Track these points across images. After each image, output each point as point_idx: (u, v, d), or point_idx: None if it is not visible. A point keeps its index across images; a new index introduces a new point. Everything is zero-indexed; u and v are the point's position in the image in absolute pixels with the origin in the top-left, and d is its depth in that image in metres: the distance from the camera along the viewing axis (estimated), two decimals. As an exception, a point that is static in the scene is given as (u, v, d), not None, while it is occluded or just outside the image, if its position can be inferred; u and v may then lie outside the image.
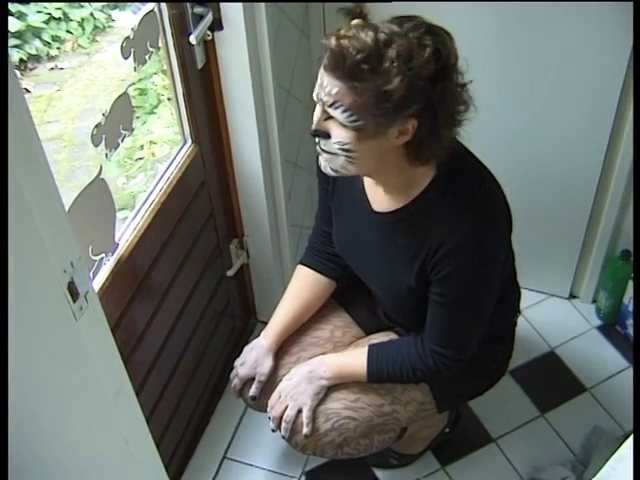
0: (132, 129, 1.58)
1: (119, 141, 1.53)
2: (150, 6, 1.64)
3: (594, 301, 2.49)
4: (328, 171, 1.44)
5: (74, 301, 1.01)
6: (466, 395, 1.87)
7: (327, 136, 1.38)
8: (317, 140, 1.41)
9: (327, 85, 1.31)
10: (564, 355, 2.36)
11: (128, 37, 1.53)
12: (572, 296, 2.54)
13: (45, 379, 1.07)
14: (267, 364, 1.78)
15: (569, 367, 2.33)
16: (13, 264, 0.89)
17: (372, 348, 1.67)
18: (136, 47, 1.55)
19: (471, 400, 1.93)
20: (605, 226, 2.28)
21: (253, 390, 1.79)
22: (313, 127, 1.39)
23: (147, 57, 1.61)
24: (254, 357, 1.79)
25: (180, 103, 1.81)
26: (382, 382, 1.68)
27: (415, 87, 1.26)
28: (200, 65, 1.81)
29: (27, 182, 0.88)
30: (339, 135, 1.35)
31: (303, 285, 1.84)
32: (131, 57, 1.55)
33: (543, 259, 2.45)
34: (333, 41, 1.27)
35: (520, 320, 1.88)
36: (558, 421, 2.19)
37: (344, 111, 1.31)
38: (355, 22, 1.30)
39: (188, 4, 1.70)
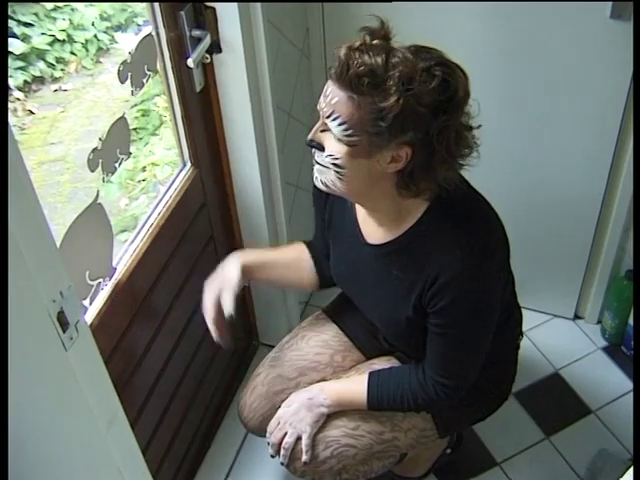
0: (129, 153, 1.57)
1: (116, 165, 1.52)
2: (148, 30, 1.64)
3: (599, 322, 2.47)
4: (319, 184, 1.43)
5: (64, 331, 1.00)
6: (468, 421, 1.85)
7: (321, 148, 1.37)
8: (312, 151, 1.41)
9: (329, 94, 1.31)
10: (569, 377, 2.34)
11: (125, 61, 1.53)
12: (577, 317, 2.52)
13: (34, 410, 1.06)
14: (235, 273, 1.67)
15: (574, 389, 2.31)
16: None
17: (372, 376, 1.65)
18: (133, 71, 1.54)
19: (473, 425, 1.91)
20: (609, 246, 2.27)
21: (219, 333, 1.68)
22: (309, 137, 1.39)
23: (145, 81, 1.61)
24: (222, 271, 1.71)
25: (179, 126, 1.81)
26: (382, 410, 1.66)
27: (412, 111, 1.25)
28: (198, 88, 1.81)
29: (14, 213, 0.87)
30: (332, 148, 1.35)
31: (295, 252, 1.81)
32: (128, 81, 1.54)
33: (547, 280, 2.44)
34: (343, 50, 1.27)
35: (524, 341, 1.86)
36: (563, 444, 2.17)
37: (340, 124, 1.30)
38: (375, 42, 1.29)
39: (186, 27, 1.70)
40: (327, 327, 1.88)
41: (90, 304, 1.50)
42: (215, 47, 1.78)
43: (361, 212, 1.55)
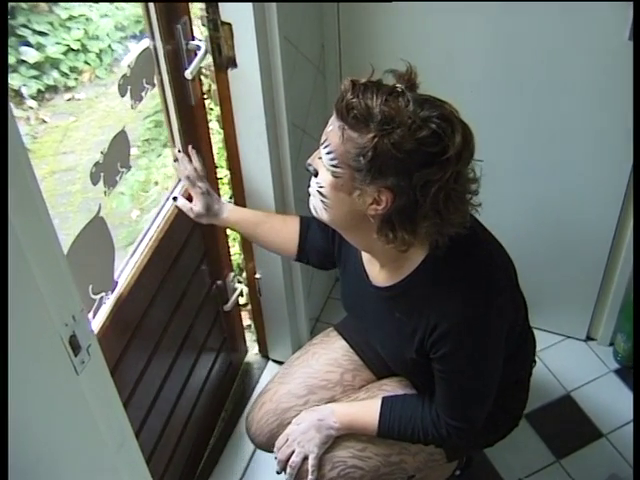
0: (130, 166, 1.58)
1: (117, 179, 1.53)
2: (145, 43, 1.65)
3: (611, 344, 2.45)
4: (311, 207, 1.45)
5: (75, 355, 0.99)
6: (477, 446, 1.84)
7: (316, 174, 1.39)
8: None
9: (330, 123, 1.34)
10: (580, 399, 2.32)
11: (125, 75, 1.54)
12: (589, 338, 2.51)
13: (45, 434, 1.04)
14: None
15: (585, 412, 2.29)
16: (12, 319, 0.87)
17: (385, 404, 1.63)
18: (132, 85, 1.55)
19: (483, 450, 1.89)
20: (623, 268, 2.25)
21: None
22: (308, 161, 1.41)
23: (143, 94, 1.61)
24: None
25: (175, 136, 1.80)
26: (391, 439, 1.64)
27: (388, 154, 1.24)
28: (193, 101, 1.80)
29: (27, 237, 0.86)
30: (321, 176, 1.37)
31: (286, 223, 1.81)
32: (128, 94, 1.55)
33: (560, 300, 2.42)
34: (347, 81, 1.29)
35: (535, 362, 1.85)
36: (574, 467, 2.15)
37: (328, 152, 1.32)
38: (385, 84, 1.29)
39: (182, 40, 1.70)
40: (337, 345, 1.87)
41: (93, 318, 1.49)
42: (231, 62, 1.78)
43: (365, 254, 1.55)
